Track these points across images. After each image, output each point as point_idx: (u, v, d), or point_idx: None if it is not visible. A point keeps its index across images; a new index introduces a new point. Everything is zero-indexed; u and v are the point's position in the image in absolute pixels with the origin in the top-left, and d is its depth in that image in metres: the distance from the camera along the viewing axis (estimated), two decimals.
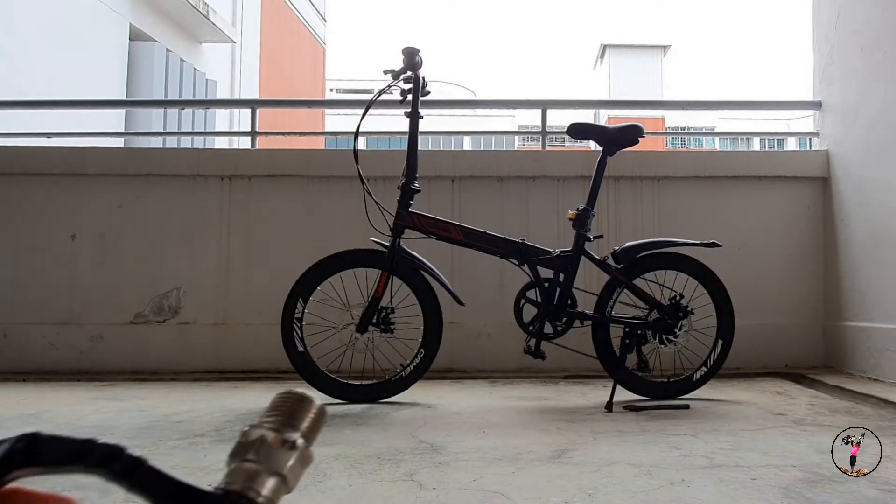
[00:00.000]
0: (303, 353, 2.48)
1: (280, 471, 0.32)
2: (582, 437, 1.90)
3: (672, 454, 1.69)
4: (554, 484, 1.42)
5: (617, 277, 2.54)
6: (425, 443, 1.82)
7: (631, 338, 2.51)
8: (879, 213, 3.03)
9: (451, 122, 21.04)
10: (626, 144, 2.62)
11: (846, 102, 3.38)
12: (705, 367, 2.60)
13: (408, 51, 2.49)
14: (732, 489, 1.38)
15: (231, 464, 0.33)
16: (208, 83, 9.32)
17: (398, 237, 2.48)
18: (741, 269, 3.32)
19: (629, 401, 2.47)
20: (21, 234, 3.43)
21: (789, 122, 21.35)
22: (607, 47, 32.60)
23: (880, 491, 1.36)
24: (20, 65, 6.11)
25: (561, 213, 3.33)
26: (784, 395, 2.67)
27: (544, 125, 3.80)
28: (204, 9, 9.15)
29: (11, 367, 3.26)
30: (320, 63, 16.27)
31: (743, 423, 2.08)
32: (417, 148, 2.53)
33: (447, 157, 3.52)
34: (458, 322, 3.22)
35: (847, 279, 3.27)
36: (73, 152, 3.55)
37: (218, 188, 3.43)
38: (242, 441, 0.33)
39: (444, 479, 1.47)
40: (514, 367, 3.28)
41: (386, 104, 2.74)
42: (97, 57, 7.35)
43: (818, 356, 3.40)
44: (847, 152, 3.36)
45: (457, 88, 31.62)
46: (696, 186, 3.51)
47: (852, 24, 3.29)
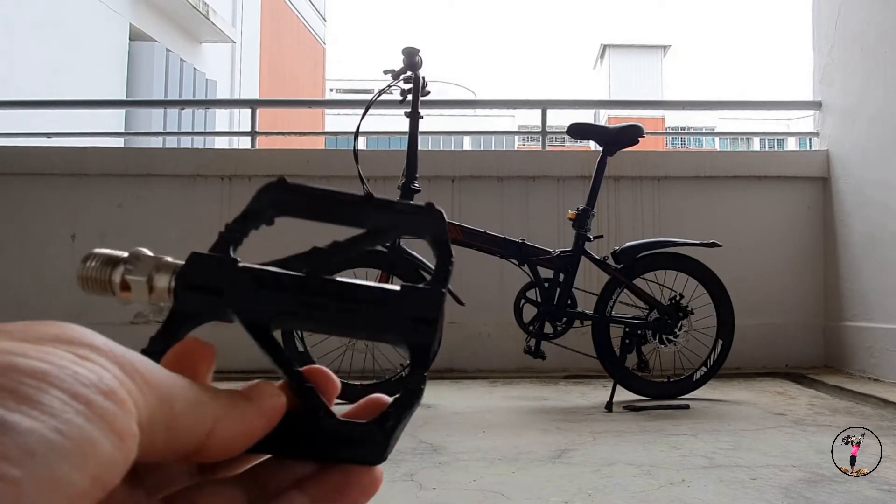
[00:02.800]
0: (303, 354, 2.48)
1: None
2: (582, 437, 1.90)
3: (672, 454, 1.69)
4: (554, 484, 1.42)
5: (617, 277, 2.54)
6: (425, 443, 1.82)
7: (631, 338, 2.51)
8: (879, 213, 3.03)
9: (451, 122, 21.03)
10: (626, 144, 2.62)
11: (846, 102, 3.38)
12: (705, 367, 2.60)
13: (408, 51, 2.49)
14: (732, 489, 1.38)
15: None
16: (208, 83, 9.33)
17: None
18: (741, 269, 3.32)
19: (629, 401, 2.47)
20: (21, 234, 3.43)
21: (789, 122, 21.35)
22: (607, 47, 32.60)
23: (880, 491, 1.36)
24: (20, 65, 6.11)
25: (561, 213, 3.33)
26: (784, 395, 2.67)
27: (544, 125, 3.80)
28: (204, 9, 9.15)
29: None
30: (320, 63, 16.27)
31: (743, 423, 2.08)
32: (417, 148, 2.52)
33: (447, 157, 3.52)
34: (458, 322, 3.22)
35: (847, 279, 3.27)
36: (73, 152, 3.55)
37: (218, 188, 3.43)
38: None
39: (444, 479, 1.47)
40: (514, 367, 3.28)
41: (386, 104, 2.74)
42: (97, 57, 7.35)
43: (818, 356, 3.40)
44: (847, 152, 3.36)
45: (457, 88, 31.62)
46: (696, 186, 3.51)
47: (852, 24, 3.29)
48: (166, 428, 0.21)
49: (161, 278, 0.29)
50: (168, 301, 0.29)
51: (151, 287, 0.29)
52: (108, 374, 0.20)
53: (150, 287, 0.29)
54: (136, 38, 8.18)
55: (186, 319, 0.28)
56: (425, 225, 0.31)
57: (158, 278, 0.29)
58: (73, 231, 3.43)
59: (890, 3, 3.01)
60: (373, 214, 0.31)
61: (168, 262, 0.30)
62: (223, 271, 0.29)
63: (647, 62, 31.79)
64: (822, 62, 3.59)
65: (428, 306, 0.29)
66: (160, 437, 0.21)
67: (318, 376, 0.28)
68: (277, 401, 0.26)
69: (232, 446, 0.24)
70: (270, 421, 0.25)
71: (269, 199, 0.30)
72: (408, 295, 0.29)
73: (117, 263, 0.30)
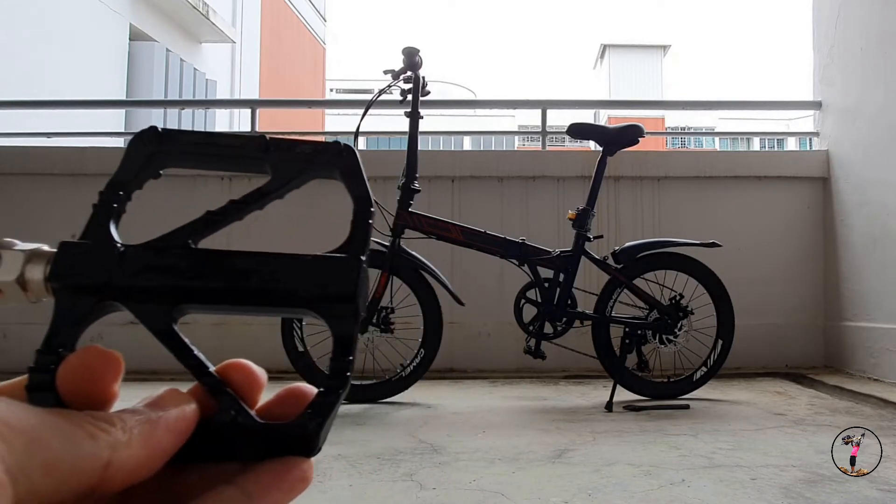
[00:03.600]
0: (303, 353, 2.47)
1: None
2: (582, 437, 1.90)
3: (672, 454, 1.69)
4: (554, 484, 1.42)
5: (617, 277, 2.54)
6: (425, 443, 1.82)
7: (631, 338, 2.51)
8: (880, 213, 3.03)
9: (451, 122, 21.02)
10: (626, 144, 2.62)
11: (846, 102, 3.38)
12: (705, 367, 2.60)
13: (408, 51, 2.49)
14: (732, 489, 1.38)
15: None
16: (208, 83, 9.33)
17: (398, 237, 2.48)
18: (741, 268, 3.32)
19: (629, 401, 2.47)
20: (21, 234, 3.42)
21: (789, 122, 21.35)
22: (607, 47, 32.60)
23: (880, 491, 1.36)
24: (20, 65, 6.11)
25: (561, 213, 3.33)
26: (784, 395, 2.67)
27: (544, 125, 3.80)
28: (204, 9, 9.15)
29: (11, 367, 3.26)
30: (320, 63, 16.28)
31: (743, 423, 2.08)
32: (417, 148, 2.52)
33: (447, 157, 3.52)
34: (458, 322, 3.22)
35: (847, 279, 3.27)
36: (73, 152, 3.55)
37: (218, 188, 3.43)
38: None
39: (444, 479, 1.47)
40: (514, 367, 3.28)
41: (386, 104, 2.74)
42: (97, 57, 7.35)
43: (818, 356, 3.40)
44: (847, 152, 3.36)
45: (457, 88, 31.62)
46: (696, 186, 3.51)
47: (852, 24, 3.29)
48: (45, 472, 0.19)
49: (33, 270, 0.25)
50: (49, 296, 0.25)
51: (24, 285, 0.25)
52: None
53: (23, 285, 0.25)
54: (136, 38, 8.18)
55: (74, 323, 0.25)
56: (335, 163, 0.27)
57: (30, 270, 0.25)
58: (73, 231, 3.39)
59: (890, 4, 3.01)
60: (271, 159, 0.27)
61: (41, 252, 0.26)
62: (101, 262, 0.25)
63: (646, 62, 31.78)
64: (822, 62, 3.59)
65: (343, 280, 0.26)
66: (42, 482, 0.19)
67: (237, 372, 0.26)
68: (187, 411, 0.24)
69: (139, 471, 0.22)
70: (181, 434, 0.24)
71: (146, 154, 0.27)
72: (316, 266, 0.26)
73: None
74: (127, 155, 0.27)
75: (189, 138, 0.27)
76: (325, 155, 0.27)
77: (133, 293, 0.25)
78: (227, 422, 0.25)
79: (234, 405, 0.25)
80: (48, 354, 0.24)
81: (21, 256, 0.26)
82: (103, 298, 0.25)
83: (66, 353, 0.24)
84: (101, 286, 0.25)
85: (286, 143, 0.28)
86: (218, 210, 0.28)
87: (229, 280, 0.25)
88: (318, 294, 0.25)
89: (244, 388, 0.26)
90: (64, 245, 0.26)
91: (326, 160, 0.27)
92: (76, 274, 0.25)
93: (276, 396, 0.27)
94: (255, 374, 0.26)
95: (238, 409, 0.25)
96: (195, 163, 0.28)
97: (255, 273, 0.26)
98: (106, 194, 0.27)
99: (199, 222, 0.27)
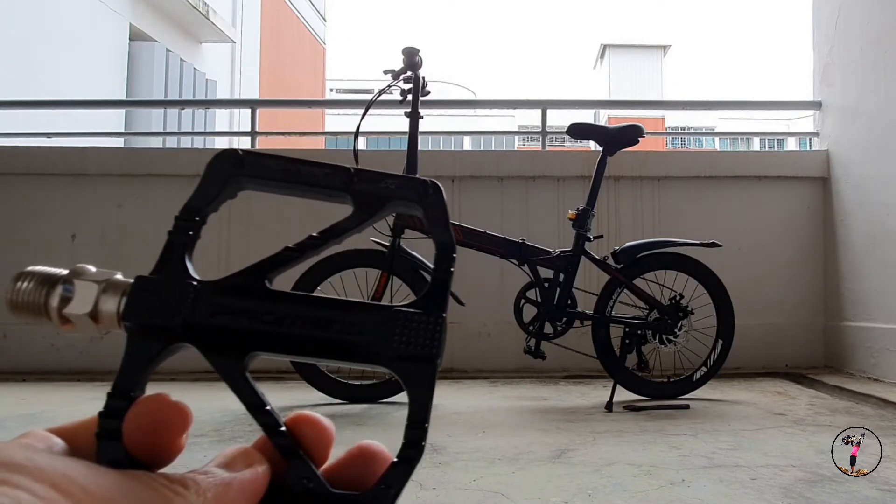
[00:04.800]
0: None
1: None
2: (582, 437, 1.90)
3: (672, 454, 1.69)
4: (554, 484, 1.42)
5: (617, 277, 2.54)
6: (425, 443, 1.82)
7: (631, 338, 2.51)
8: (880, 213, 3.04)
9: (451, 122, 21.03)
10: (626, 144, 2.62)
11: (846, 102, 3.38)
12: (705, 367, 2.60)
13: (408, 51, 2.49)
14: (732, 489, 1.38)
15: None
16: (208, 83, 9.33)
17: (398, 237, 2.48)
18: (741, 269, 3.32)
19: (629, 401, 2.47)
20: (21, 234, 3.43)
21: (789, 122, 21.34)
22: (607, 47, 32.60)
23: (880, 491, 1.36)
24: (20, 65, 6.11)
25: (561, 213, 3.33)
26: (784, 395, 2.67)
27: (544, 125, 3.80)
28: (204, 9, 9.15)
29: (11, 367, 3.26)
30: (320, 63, 16.27)
31: (743, 423, 2.08)
32: (417, 148, 2.52)
33: (447, 157, 3.52)
34: (458, 322, 3.22)
35: (847, 279, 3.27)
36: (73, 152, 3.55)
37: None
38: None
39: (445, 479, 1.47)
40: (514, 367, 3.28)
41: (386, 104, 2.74)
42: (97, 57, 7.35)
43: (818, 356, 3.40)
44: (847, 152, 3.36)
45: (457, 88, 31.62)
46: (696, 186, 3.51)
47: (852, 24, 3.29)
48: None
49: (107, 302, 0.24)
50: (120, 329, 0.25)
51: (96, 317, 0.25)
52: (26, 495, 0.18)
53: (95, 318, 0.25)
54: (136, 38, 8.17)
55: (144, 364, 0.24)
56: (419, 201, 0.27)
57: (104, 302, 0.24)
58: (73, 231, 3.43)
59: (890, 3, 3.01)
60: (355, 192, 0.26)
61: (116, 283, 0.25)
62: (176, 302, 0.24)
63: (646, 62, 31.78)
64: (822, 62, 3.59)
65: (424, 340, 0.24)
66: None
67: (309, 428, 0.25)
68: (259, 472, 0.23)
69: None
70: (254, 497, 0.23)
71: (225, 176, 0.26)
72: (398, 322, 0.24)
73: (55, 284, 0.25)
74: (205, 176, 0.26)
75: (272, 164, 0.26)
76: (409, 192, 0.27)
77: (206, 336, 0.24)
78: (301, 491, 0.24)
79: (307, 472, 0.24)
80: (119, 399, 0.23)
81: (95, 289, 0.25)
82: (175, 340, 0.24)
83: (137, 394, 0.23)
84: (175, 328, 0.24)
85: (371, 175, 0.26)
86: (296, 246, 0.26)
87: (307, 328, 0.24)
88: (398, 353, 0.24)
89: (316, 446, 0.25)
90: (139, 280, 0.24)
91: (411, 197, 0.27)
92: (150, 314, 0.24)
93: (348, 455, 0.26)
94: (326, 430, 0.25)
95: (311, 476, 0.24)
96: (275, 188, 0.27)
97: (334, 323, 0.24)
98: (182, 220, 0.25)
99: (277, 258, 0.26)
